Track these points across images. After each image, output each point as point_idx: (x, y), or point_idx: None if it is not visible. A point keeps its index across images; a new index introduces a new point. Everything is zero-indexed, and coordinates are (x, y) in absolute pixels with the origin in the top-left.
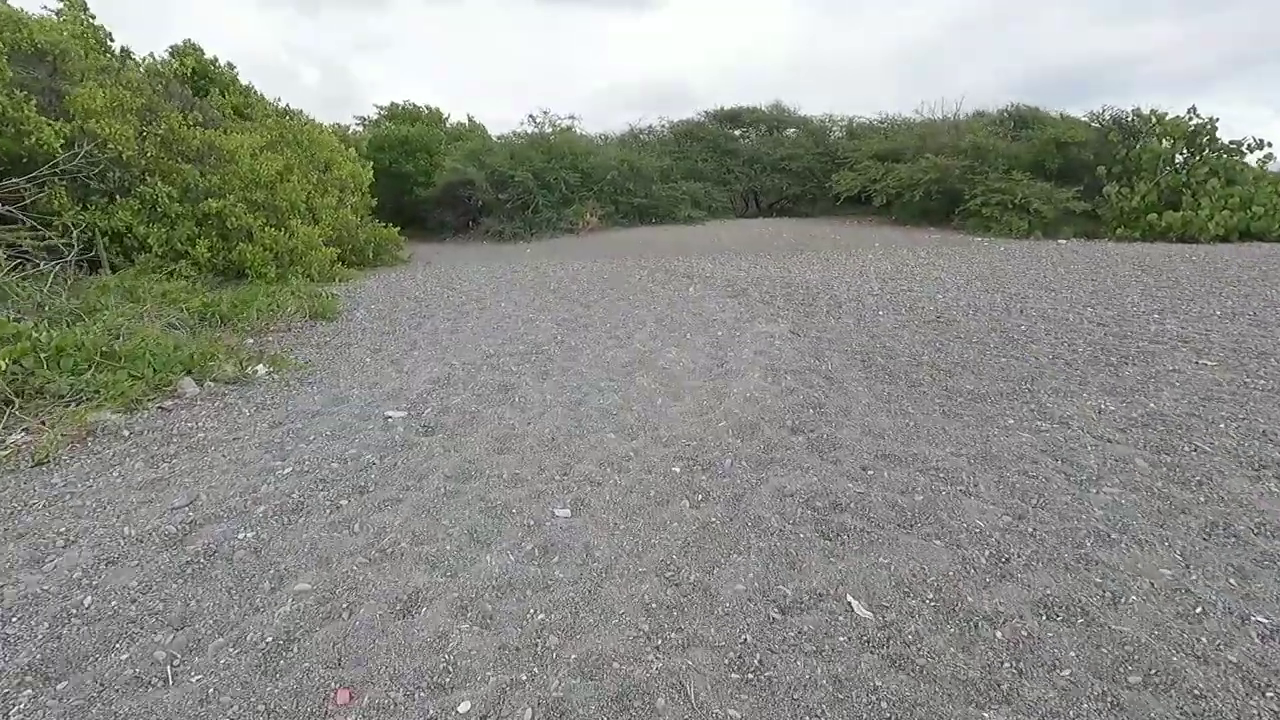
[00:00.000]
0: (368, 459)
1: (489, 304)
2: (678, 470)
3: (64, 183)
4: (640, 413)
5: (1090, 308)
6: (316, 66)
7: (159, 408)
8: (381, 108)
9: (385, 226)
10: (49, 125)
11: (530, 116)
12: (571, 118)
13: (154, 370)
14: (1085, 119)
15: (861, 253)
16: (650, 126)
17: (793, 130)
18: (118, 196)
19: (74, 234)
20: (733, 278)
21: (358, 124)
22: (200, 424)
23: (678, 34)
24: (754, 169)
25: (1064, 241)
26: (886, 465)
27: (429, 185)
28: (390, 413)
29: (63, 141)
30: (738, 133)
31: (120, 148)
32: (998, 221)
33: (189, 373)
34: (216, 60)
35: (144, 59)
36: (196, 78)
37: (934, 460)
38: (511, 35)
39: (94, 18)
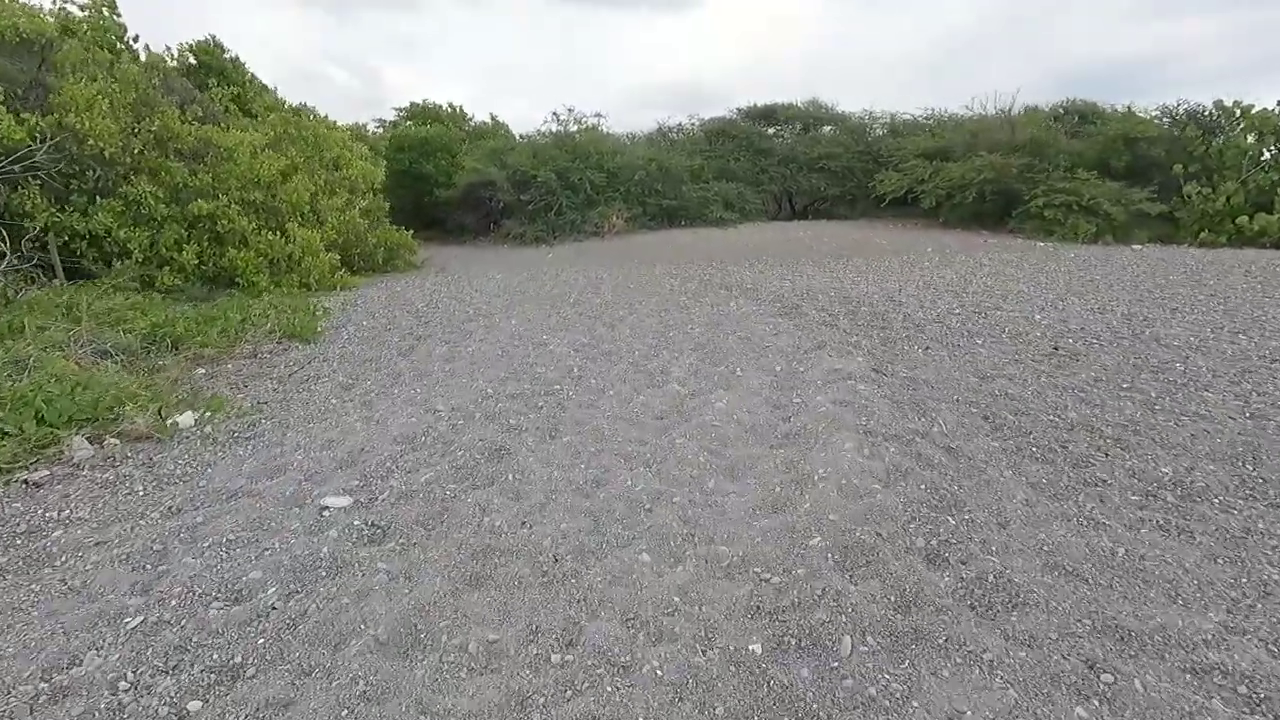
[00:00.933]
0: (268, 596)
1: (498, 321)
2: (757, 651)
3: (39, 181)
4: (685, 507)
5: (1242, 334)
6: (349, 70)
7: (25, 482)
8: (401, 108)
9: (398, 229)
10: (7, 116)
11: (554, 114)
12: (597, 115)
13: (39, 422)
14: (1156, 113)
15: (917, 260)
16: (680, 125)
17: (829, 128)
18: (99, 197)
19: (25, 238)
20: (780, 290)
21: (377, 125)
22: (67, 512)
23: (705, 34)
24: (789, 169)
25: (1139, 247)
26: (1124, 656)
27: (449, 186)
28: (330, 500)
29: (35, 136)
30: (771, 131)
31: (102, 144)
32: (1061, 224)
33: (88, 425)
34: (222, 49)
35: (144, 50)
36: (202, 71)
37: (1201, 641)
38: (540, 36)
39: (119, 15)
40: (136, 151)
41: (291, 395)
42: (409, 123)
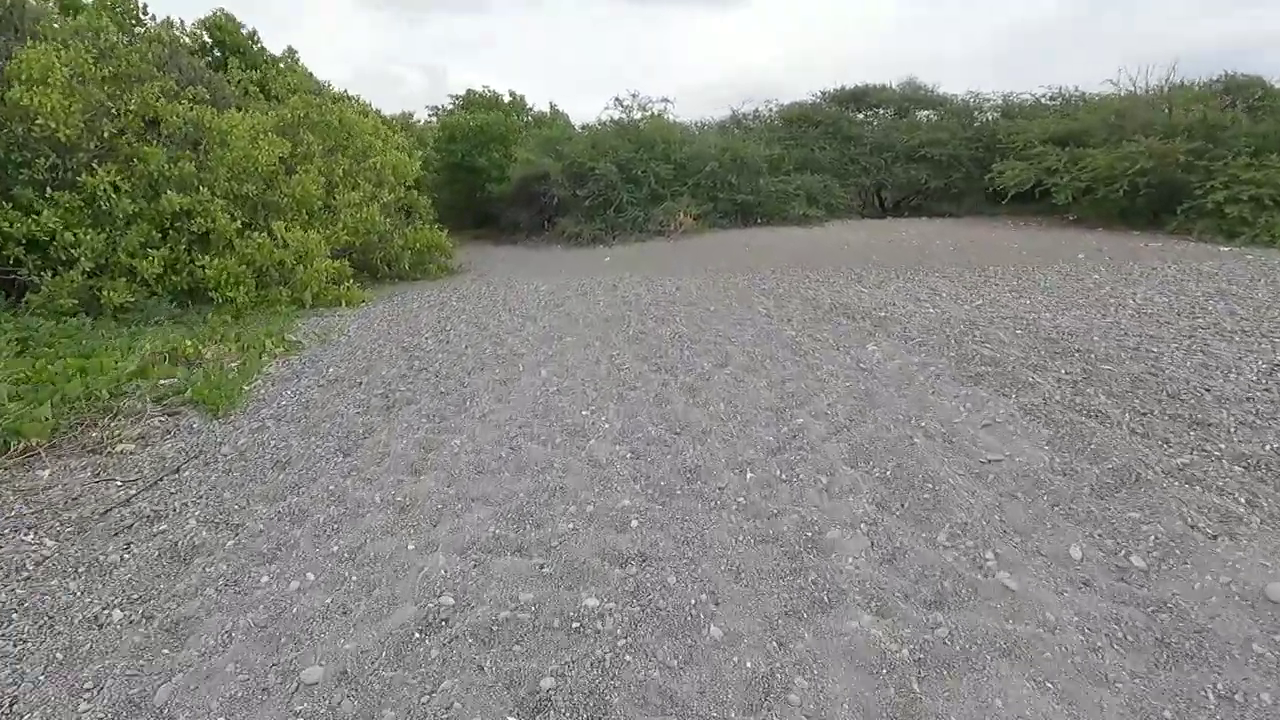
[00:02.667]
0: None
1: (520, 371)
2: None
3: None
4: None
5: None
6: (417, 70)
7: None
8: (457, 96)
9: (432, 228)
10: None
11: (616, 99)
12: (664, 100)
13: None
14: None
15: (1078, 271)
16: (756, 111)
17: (928, 112)
18: (51, 190)
19: None
20: (926, 320)
21: (430, 114)
22: None
23: (763, 29)
24: (883, 158)
25: None
26: None
27: (503, 181)
28: None
29: None
30: (860, 116)
31: (54, 124)
32: (1248, 224)
33: None
34: (237, 24)
35: (149, 23)
36: (221, 50)
37: None
38: (603, 34)
39: None
40: (108, 135)
41: (37, 589)
42: (464, 112)
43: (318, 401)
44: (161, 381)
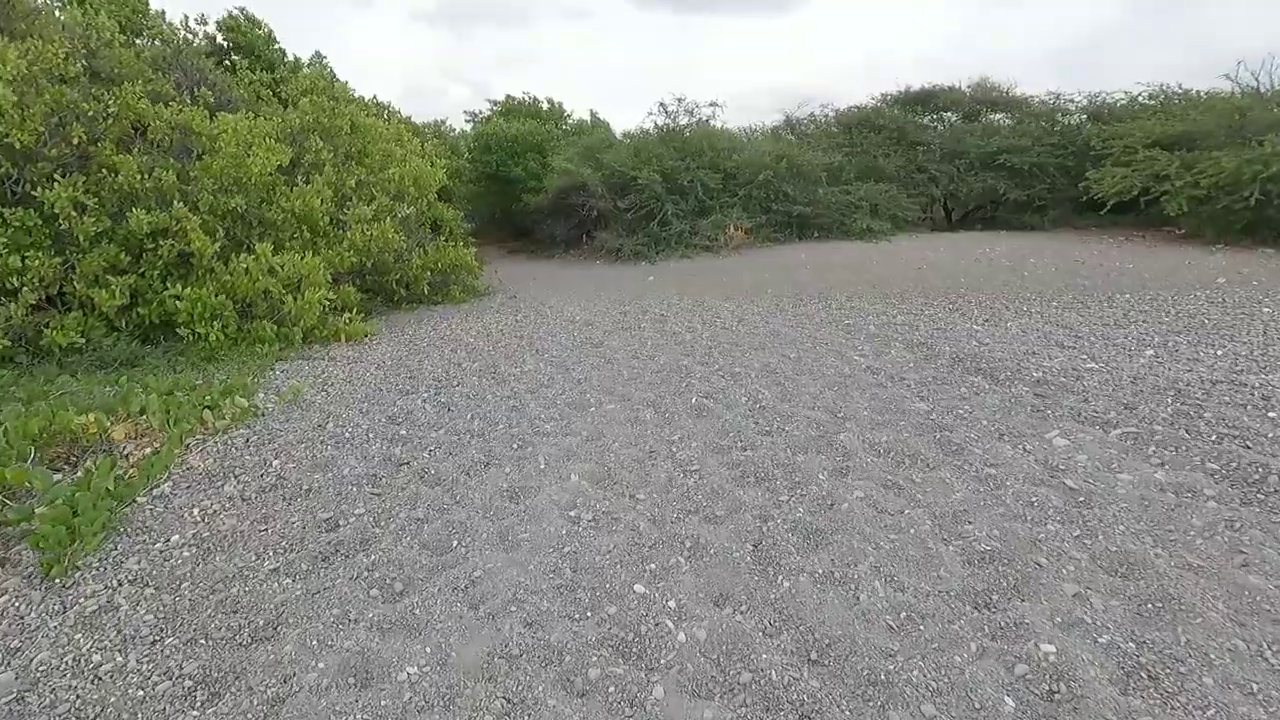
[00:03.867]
0: None
1: (541, 473)
2: None
3: None
4: None
5: None
6: (464, 84)
7: None
8: (495, 102)
9: (456, 245)
10: None
11: (660, 105)
12: (713, 105)
13: None
14: None
15: (1252, 307)
16: (811, 115)
17: (1001, 115)
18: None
19: None
20: (1114, 387)
21: (467, 120)
22: None
23: (814, 37)
24: (956, 166)
25: None
26: None
27: (538, 192)
28: None
29: None
30: (927, 120)
31: (4, 129)
32: None
33: None
34: (255, 24)
35: (161, 22)
36: (237, 51)
37: None
38: (646, 45)
39: None
40: (78, 141)
41: None
42: (501, 119)
43: (225, 537)
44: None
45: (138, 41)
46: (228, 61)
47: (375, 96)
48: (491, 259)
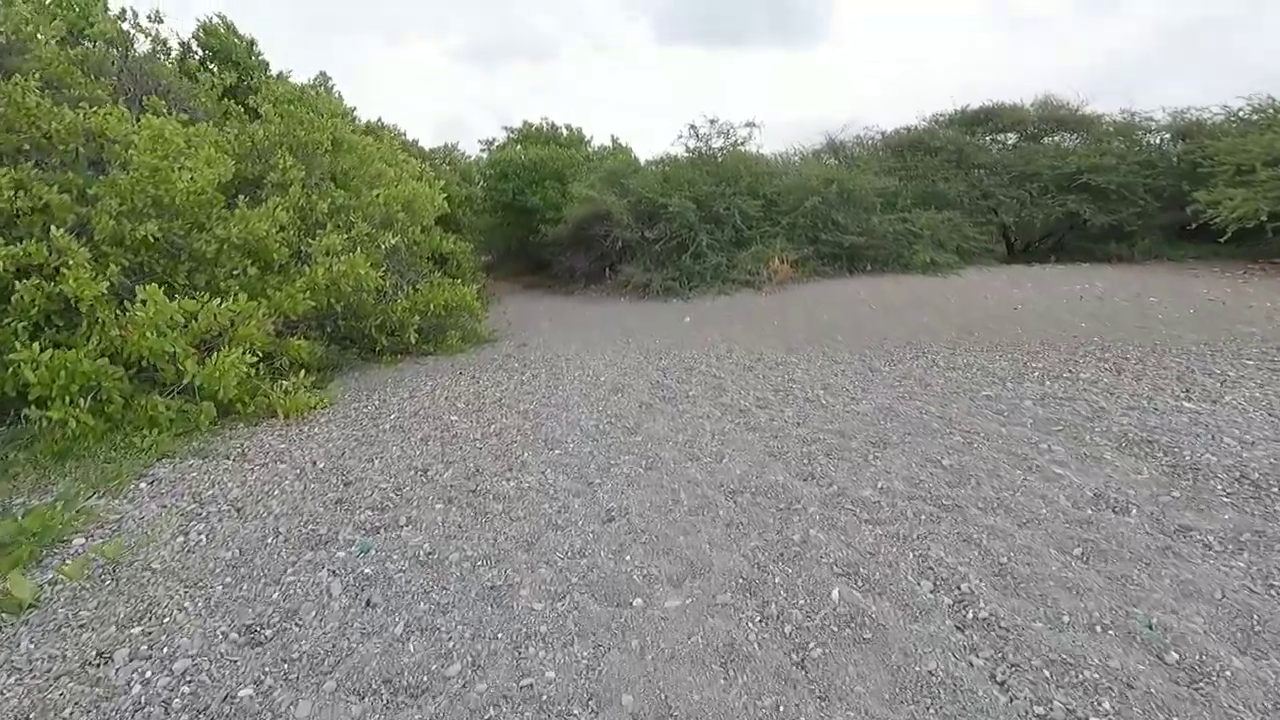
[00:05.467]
0: None
1: None
2: None
3: None
4: None
5: None
6: (492, 114)
7: None
8: (513, 129)
9: (455, 283)
10: None
11: (691, 127)
12: (749, 125)
13: None
14: None
15: None
16: (857, 137)
17: (1070, 135)
18: None
19: None
20: None
21: (482, 148)
22: None
23: (838, 69)
24: (1028, 190)
25: None
26: None
27: (558, 221)
28: None
29: None
30: (988, 140)
31: None
32: None
33: None
34: (234, 32)
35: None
36: (215, 60)
37: None
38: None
39: None
40: None
41: None
42: (519, 146)
43: None
44: None
45: (78, 42)
46: (208, 72)
47: (380, 119)
48: (505, 295)
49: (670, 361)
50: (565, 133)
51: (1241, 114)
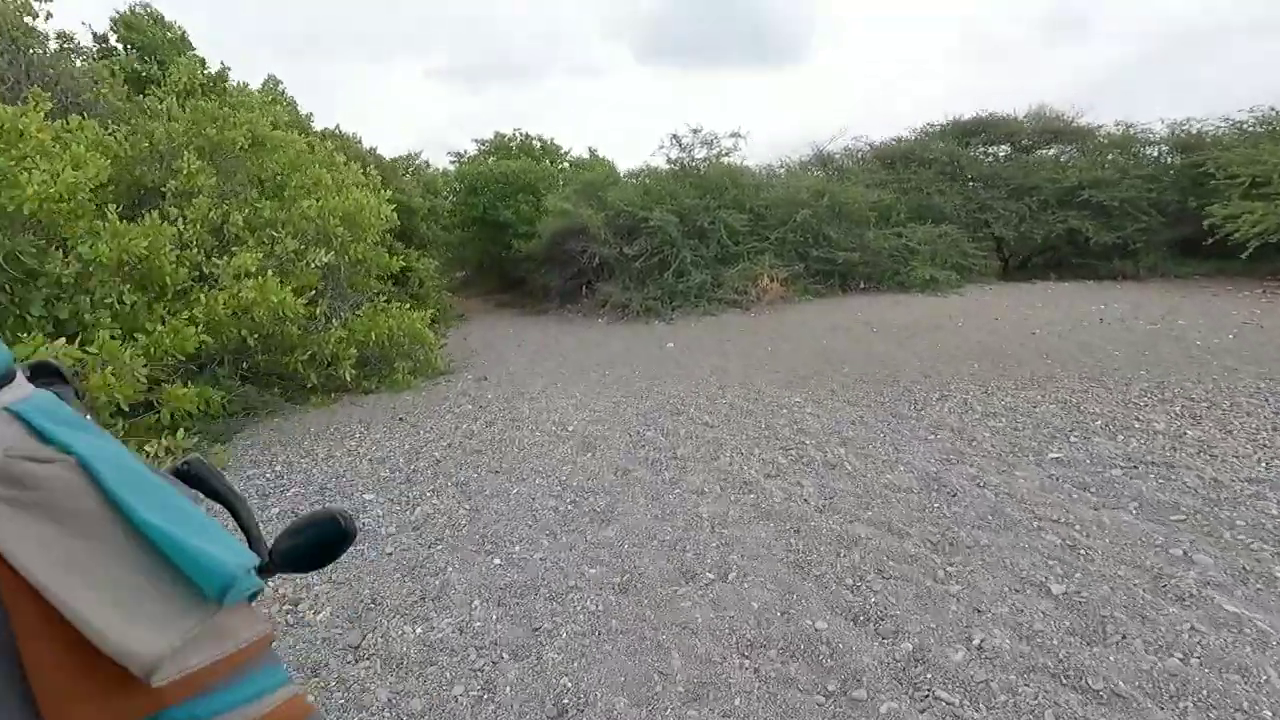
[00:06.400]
0: None
1: None
2: None
3: None
4: None
5: None
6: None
7: None
8: (483, 141)
9: (405, 306)
10: None
11: (673, 137)
12: (735, 135)
13: None
14: None
15: None
16: (846, 149)
17: (1065, 148)
18: None
19: None
20: None
21: (451, 160)
22: None
23: (814, 89)
24: (1027, 204)
25: None
26: None
27: (532, 237)
28: None
29: None
30: (983, 152)
31: None
32: None
33: None
34: (160, 22)
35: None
36: (138, 55)
37: None
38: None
39: None
40: None
41: None
42: (491, 159)
43: None
44: None
45: None
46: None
47: (338, 126)
48: (476, 315)
49: (653, 403)
50: (539, 145)
51: (1246, 126)
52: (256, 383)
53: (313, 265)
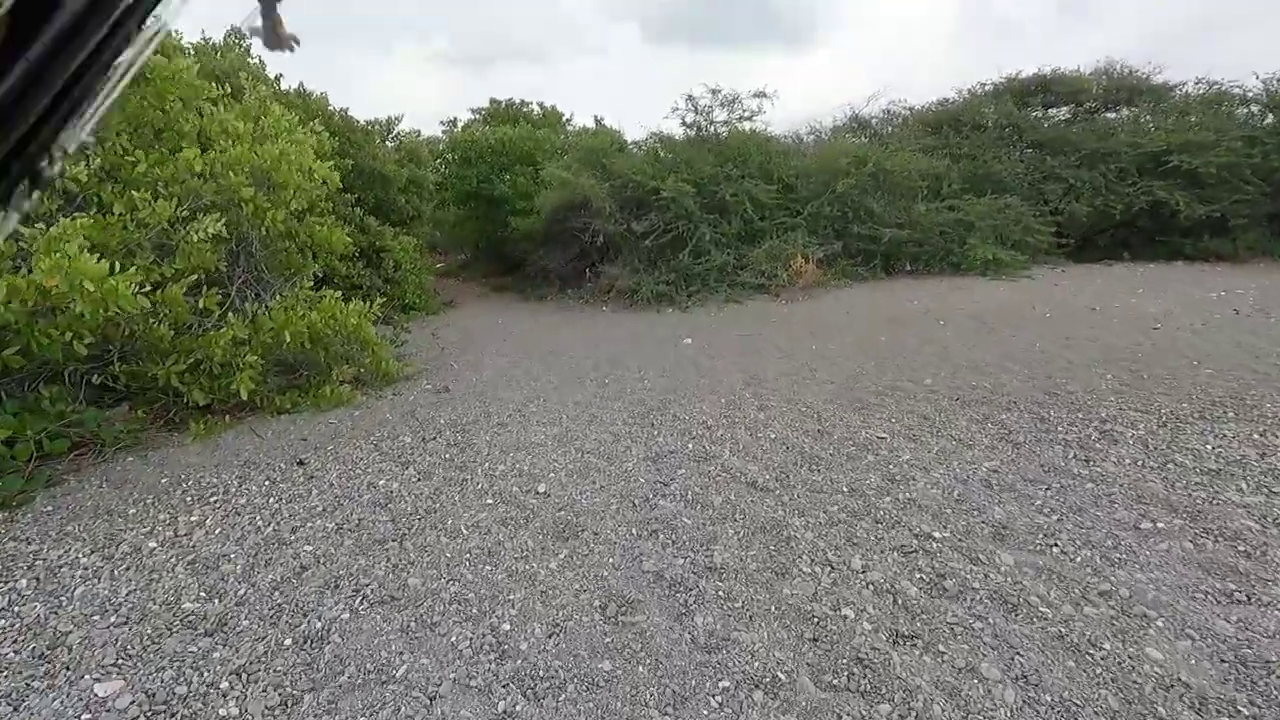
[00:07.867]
0: None
1: None
2: None
3: None
4: None
5: None
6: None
7: None
8: (478, 109)
9: (346, 301)
10: None
11: (688, 98)
12: (760, 95)
13: None
14: None
15: None
16: (887, 111)
17: (1136, 110)
18: None
19: None
20: None
21: (444, 129)
22: None
23: (829, 71)
24: (1102, 173)
25: None
26: None
27: (530, 213)
28: None
29: None
30: (1038, 115)
31: None
32: None
33: None
34: None
35: None
36: None
37: None
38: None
39: None
40: None
41: None
42: (486, 126)
43: None
44: None
45: None
46: None
47: (302, 84)
48: (470, 300)
49: (669, 436)
50: (539, 110)
51: None
52: (110, 403)
53: (196, 238)
